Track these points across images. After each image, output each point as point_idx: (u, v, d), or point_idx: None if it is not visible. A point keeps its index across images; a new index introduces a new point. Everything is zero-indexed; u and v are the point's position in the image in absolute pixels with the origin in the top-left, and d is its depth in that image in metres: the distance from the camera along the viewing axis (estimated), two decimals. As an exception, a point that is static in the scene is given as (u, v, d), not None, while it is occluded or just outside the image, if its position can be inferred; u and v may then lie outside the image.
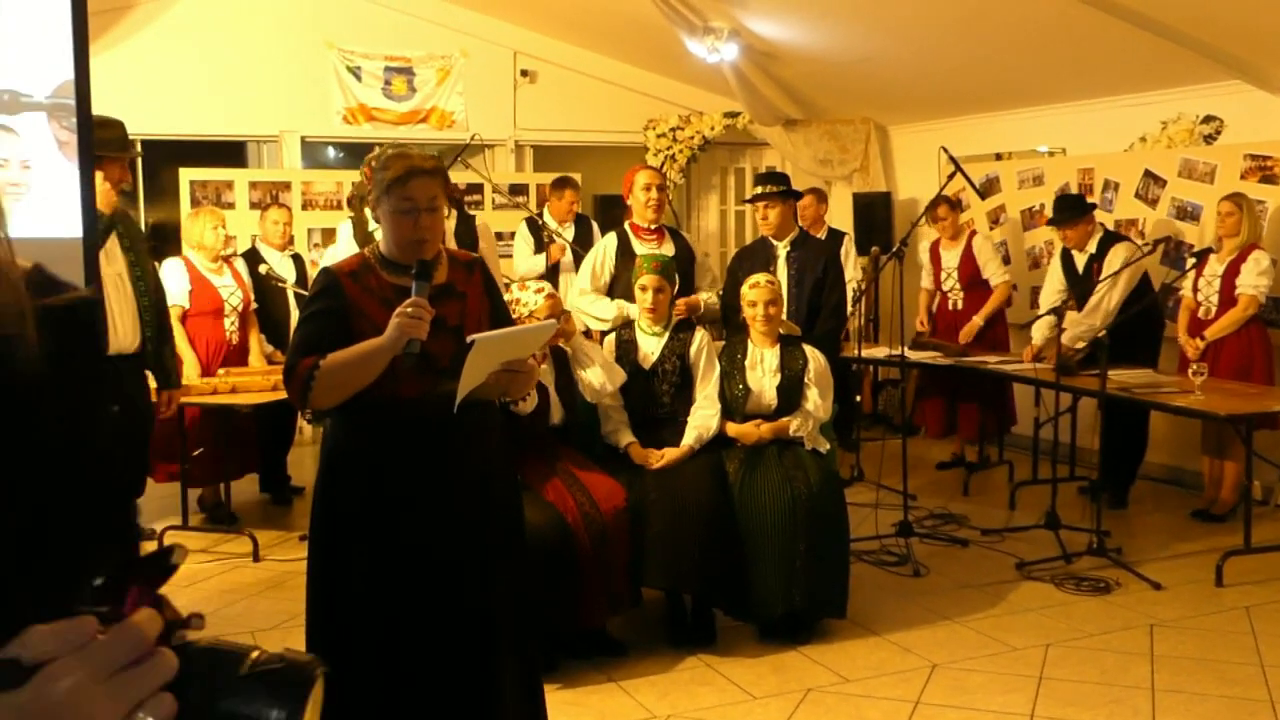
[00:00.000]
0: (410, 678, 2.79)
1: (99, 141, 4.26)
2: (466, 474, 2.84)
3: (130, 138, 4.65)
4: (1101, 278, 6.28)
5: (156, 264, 4.85)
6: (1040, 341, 6.47)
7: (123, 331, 4.32)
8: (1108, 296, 6.27)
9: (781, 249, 5.57)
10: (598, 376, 4.47)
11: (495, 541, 2.88)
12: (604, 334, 5.15)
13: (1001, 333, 7.43)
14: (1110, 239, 6.55)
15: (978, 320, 7.34)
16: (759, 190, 5.57)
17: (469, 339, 2.65)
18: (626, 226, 5.49)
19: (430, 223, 2.79)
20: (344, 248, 4.81)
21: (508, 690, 2.91)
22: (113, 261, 4.34)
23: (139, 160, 4.54)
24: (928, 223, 7.36)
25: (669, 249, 5.36)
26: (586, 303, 5.40)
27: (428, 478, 2.80)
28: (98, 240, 4.24)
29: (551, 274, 6.96)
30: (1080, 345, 6.25)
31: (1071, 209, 6.61)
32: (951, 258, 7.48)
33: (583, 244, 6.95)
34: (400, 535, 2.77)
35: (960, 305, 7.44)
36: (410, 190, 2.76)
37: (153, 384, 4.96)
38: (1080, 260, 6.59)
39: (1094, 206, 6.73)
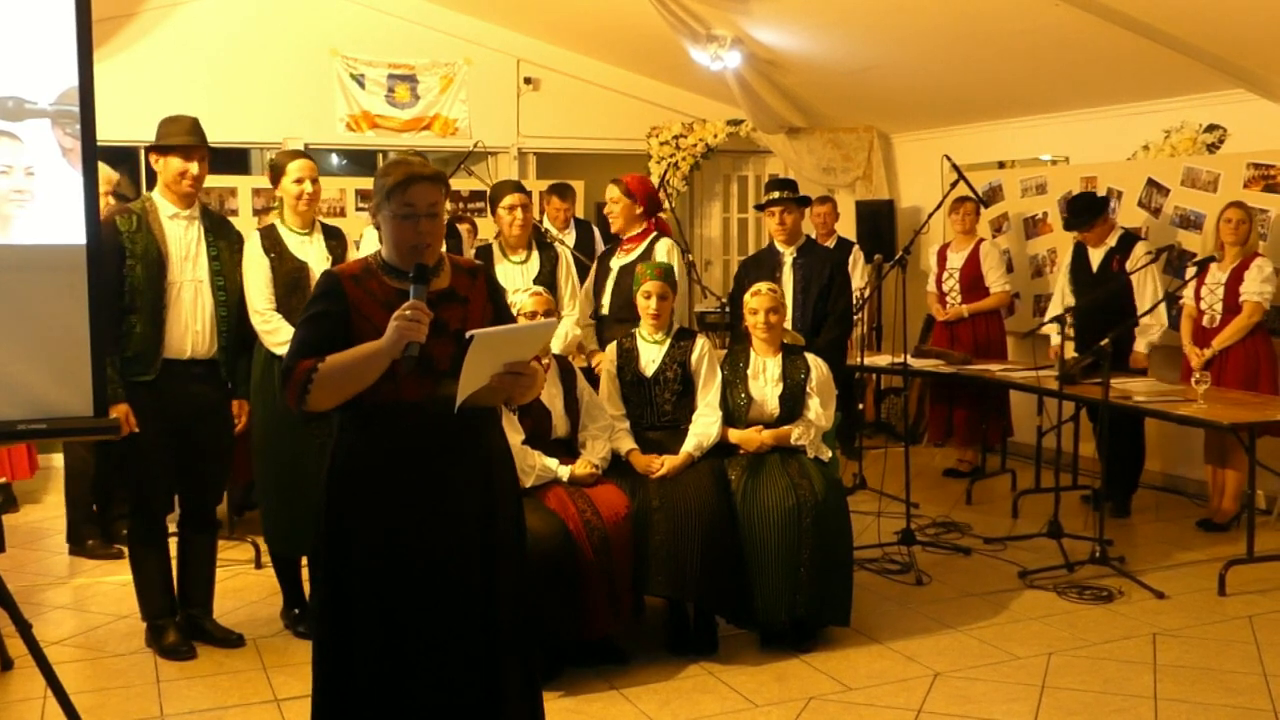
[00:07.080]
0: (416, 679, 2.79)
1: (162, 134, 4.30)
2: (468, 477, 2.85)
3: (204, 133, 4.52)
4: (1131, 271, 6.30)
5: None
6: (1060, 344, 6.46)
7: (198, 336, 4.35)
8: (1154, 292, 6.31)
9: (788, 255, 5.57)
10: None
11: (498, 544, 2.89)
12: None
13: (998, 341, 7.43)
14: (1130, 238, 6.58)
15: (964, 309, 7.37)
16: (774, 195, 5.57)
17: (467, 334, 2.65)
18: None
19: (430, 228, 2.81)
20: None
21: (512, 693, 2.91)
22: (198, 269, 4.36)
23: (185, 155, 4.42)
24: (948, 215, 7.37)
25: (644, 252, 5.31)
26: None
27: (430, 480, 2.80)
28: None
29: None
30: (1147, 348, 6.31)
31: (1087, 210, 6.61)
32: (957, 259, 7.51)
33: (583, 249, 6.95)
34: (405, 537, 2.78)
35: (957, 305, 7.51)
36: (411, 196, 2.79)
37: None
38: (1096, 256, 6.58)
39: (1108, 201, 6.72)
